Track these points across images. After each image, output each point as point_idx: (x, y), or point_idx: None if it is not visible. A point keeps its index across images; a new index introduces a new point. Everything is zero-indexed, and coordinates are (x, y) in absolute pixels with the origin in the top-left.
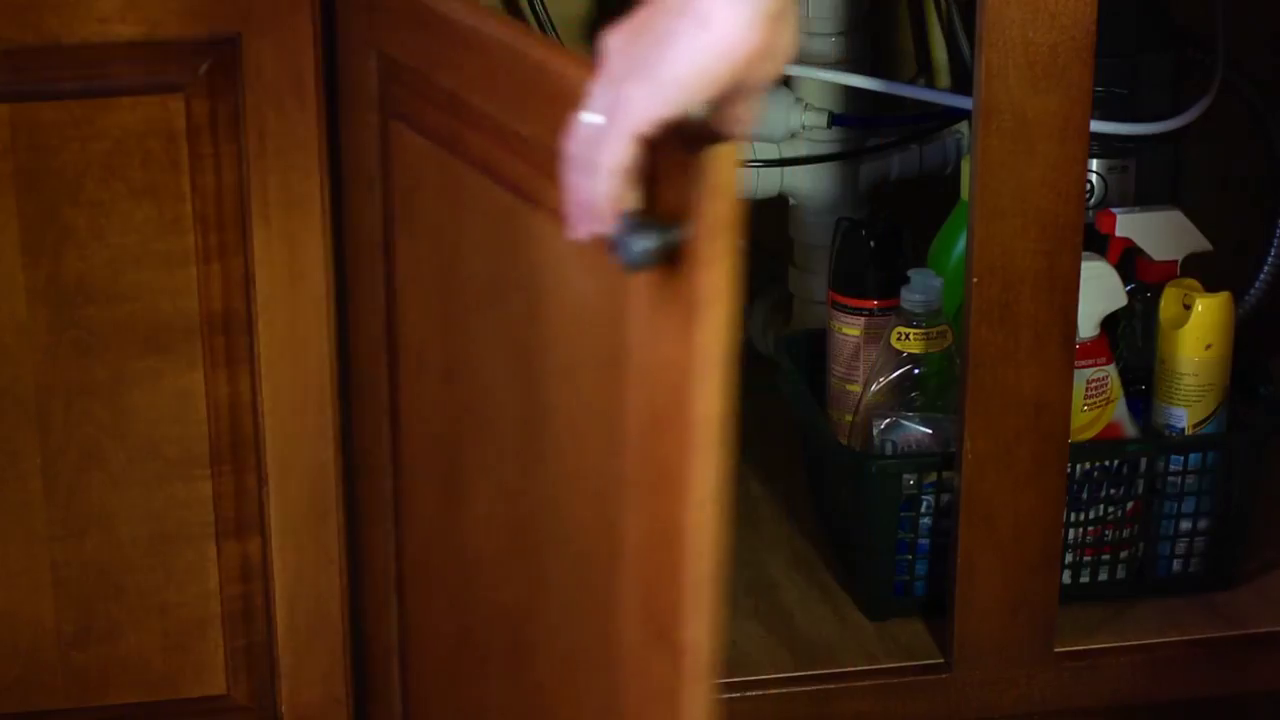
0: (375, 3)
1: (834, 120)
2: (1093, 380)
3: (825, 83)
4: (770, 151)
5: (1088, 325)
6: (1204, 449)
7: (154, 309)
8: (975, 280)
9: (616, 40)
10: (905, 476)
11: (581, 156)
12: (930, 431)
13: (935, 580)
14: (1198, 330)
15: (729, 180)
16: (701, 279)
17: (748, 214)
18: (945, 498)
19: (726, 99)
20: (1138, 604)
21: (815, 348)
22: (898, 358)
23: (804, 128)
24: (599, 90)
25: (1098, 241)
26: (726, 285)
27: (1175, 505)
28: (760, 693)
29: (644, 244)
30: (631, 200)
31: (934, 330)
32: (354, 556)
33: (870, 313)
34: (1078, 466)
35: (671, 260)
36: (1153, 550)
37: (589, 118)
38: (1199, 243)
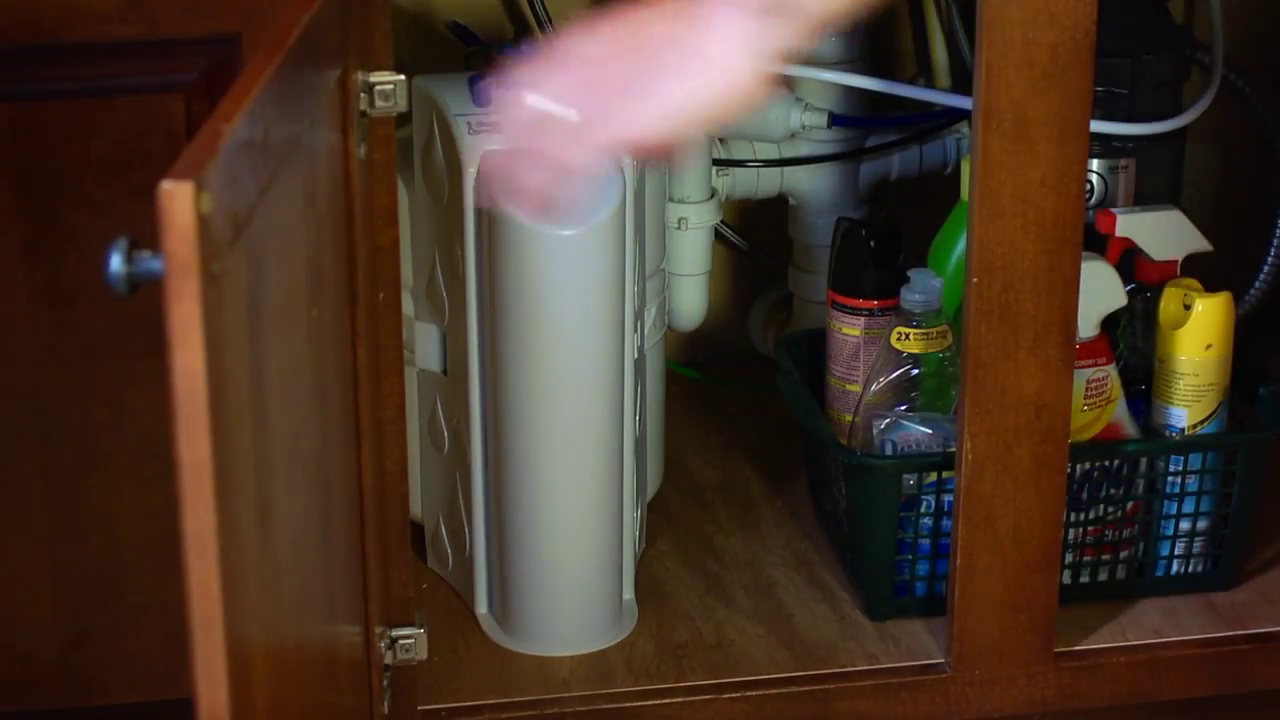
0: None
1: (834, 120)
2: (1093, 380)
3: (825, 83)
4: (770, 151)
5: (1088, 325)
6: (1204, 449)
7: (154, 309)
8: (975, 280)
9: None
10: (905, 476)
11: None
12: (930, 431)
13: (935, 580)
14: (1198, 330)
15: (186, 221)
16: (170, 315)
17: (747, 214)
18: (945, 498)
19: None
20: (1138, 604)
21: (815, 348)
22: (897, 358)
23: (804, 128)
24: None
25: (1098, 241)
26: (195, 327)
27: (1175, 505)
28: (760, 693)
29: (118, 265)
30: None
31: (934, 330)
32: None
33: (870, 313)
34: (1078, 466)
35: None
36: (1153, 550)
37: (564, 115)
38: (1199, 243)
